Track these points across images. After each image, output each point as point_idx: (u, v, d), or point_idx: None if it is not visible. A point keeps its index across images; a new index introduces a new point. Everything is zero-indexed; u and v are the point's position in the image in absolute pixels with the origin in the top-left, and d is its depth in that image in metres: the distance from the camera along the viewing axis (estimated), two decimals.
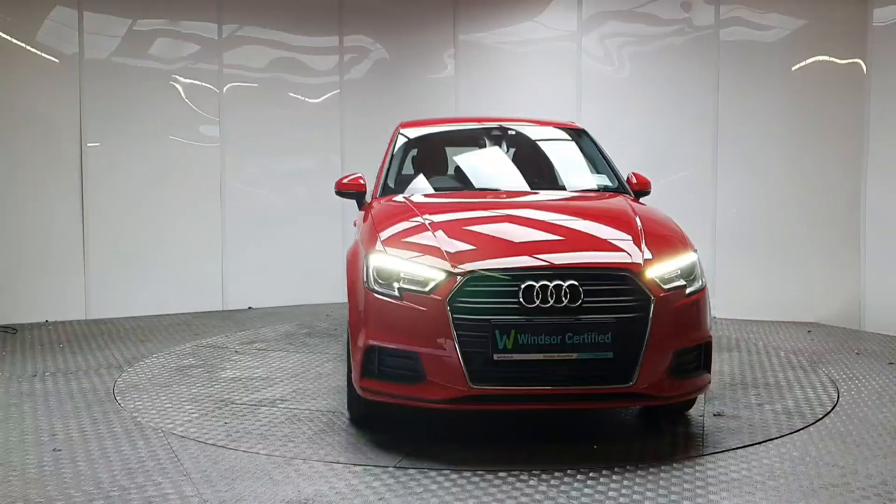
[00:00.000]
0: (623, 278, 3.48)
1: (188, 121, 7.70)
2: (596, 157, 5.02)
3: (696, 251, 3.80)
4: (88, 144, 7.29)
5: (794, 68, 6.85)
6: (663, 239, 3.81)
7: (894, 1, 6.29)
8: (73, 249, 7.25)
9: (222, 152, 7.84)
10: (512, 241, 3.76)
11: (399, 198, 4.53)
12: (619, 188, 4.74)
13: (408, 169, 5.13)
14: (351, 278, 3.90)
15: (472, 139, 5.39)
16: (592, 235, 3.89)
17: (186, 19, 7.68)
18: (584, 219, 4.08)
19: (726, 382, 4.81)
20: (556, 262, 3.50)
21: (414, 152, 5.28)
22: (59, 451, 3.60)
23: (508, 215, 4.23)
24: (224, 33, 7.84)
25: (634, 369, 3.41)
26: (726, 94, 7.10)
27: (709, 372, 3.74)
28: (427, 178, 4.93)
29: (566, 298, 3.38)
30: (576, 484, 3.17)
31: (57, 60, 7.18)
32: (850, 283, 6.63)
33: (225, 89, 7.83)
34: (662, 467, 3.36)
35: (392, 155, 5.02)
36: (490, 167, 5.15)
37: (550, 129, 5.37)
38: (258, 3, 8.03)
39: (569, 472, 3.30)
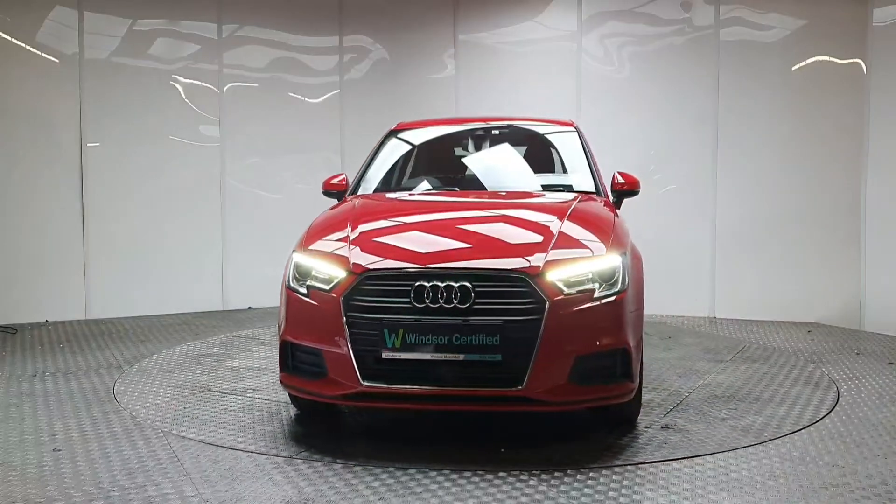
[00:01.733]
0: (517, 281, 3.40)
1: (188, 121, 7.70)
2: (576, 157, 4.90)
3: (623, 255, 3.65)
4: (88, 144, 7.29)
5: (794, 68, 6.85)
6: (580, 242, 3.69)
7: (894, 1, 6.29)
8: (73, 249, 7.25)
9: (222, 152, 7.84)
10: (418, 243, 3.76)
11: (351, 198, 4.62)
12: (592, 189, 4.60)
13: (386, 169, 5.11)
14: (284, 276, 3.97)
15: (456, 140, 5.35)
16: (499, 239, 3.80)
17: (186, 19, 7.68)
18: (505, 222, 4.04)
19: (722, 384, 4.79)
20: (449, 264, 3.49)
21: (396, 153, 5.27)
22: (59, 451, 3.60)
23: (435, 218, 4.19)
24: (224, 33, 7.84)
25: (525, 373, 3.33)
26: (726, 94, 7.10)
27: (631, 380, 3.56)
28: (392, 179, 4.97)
29: (456, 300, 3.37)
30: (576, 484, 3.17)
31: (57, 60, 7.18)
32: (850, 283, 6.63)
33: (225, 89, 7.83)
34: (662, 467, 3.36)
35: (373, 155, 5.12)
36: (459, 168, 5.13)
37: (539, 128, 5.29)
38: (258, 3, 8.03)
39: (569, 471, 3.30)
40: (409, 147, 5.31)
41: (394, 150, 5.23)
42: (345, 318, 3.44)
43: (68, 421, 4.08)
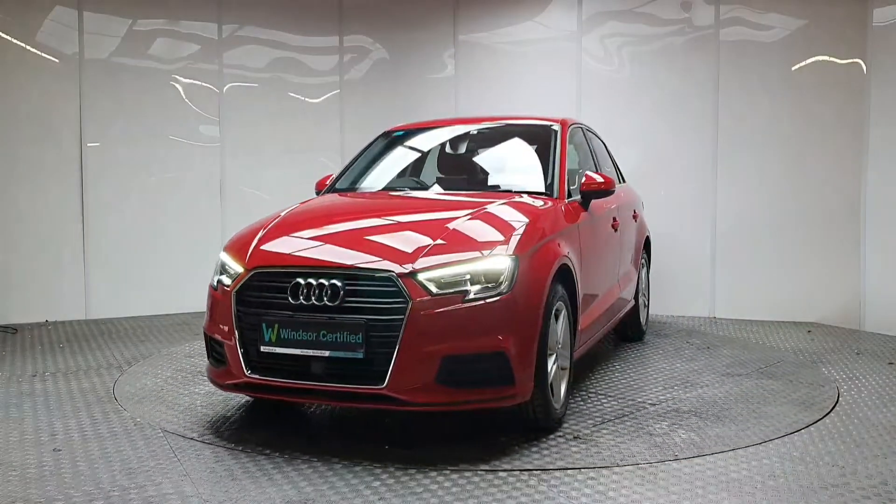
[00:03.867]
0: (384, 280, 3.42)
1: (188, 121, 7.70)
2: (542, 156, 4.80)
3: (514, 257, 3.55)
4: (88, 144, 7.29)
5: (794, 68, 6.85)
6: (465, 244, 3.64)
7: (894, 1, 6.30)
8: (73, 249, 7.25)
9: (222, 152, 7.84)
10: (310, 242, 3.86)
11: (315, 197, 4.78)
12: (543, 189, 4.49)
13: (360, 169, 5.21)
14: None
15: (434, 142, 5.37)
16: (383, 239, 3.79)
17: (186, 19, 7.68)
18: (406, 223, 4.03)
19: (701, 398, 4.73)
20: (325, 262, 3.59)
21: (377, 154, 5.35)
22: (59, 451, 3.60)
23: (348, 217, 4.27)
24: (224, 33, 7.85)
25: (387, 372, 3.34)
26: (726, 94, 7.10)
27: (511, 385, 3.47)
28: (362, 179, 5.07)
29: (326, 297, 3.44)
30: (575, 484, 3.17)
31: (57, 60, 7.18)
32: (850, 283, 6.63)
33: (225, 89, 7.84)
34: (662, 467, 3.36)
35: (356, 156, 5.28)
36: (422, 169, 5.17)
37: (521, 128, 5.20)
38: (258, 3, 8.04)
39: (569, 471, 3.31)
40: (391, 148, 5.38)
41: (376, 151, 5.34)
42: (234, 312, 3.65)
43: (68, 421, 4.08)
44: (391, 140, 5.44)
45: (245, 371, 3.61)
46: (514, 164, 4.97)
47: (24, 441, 3.75)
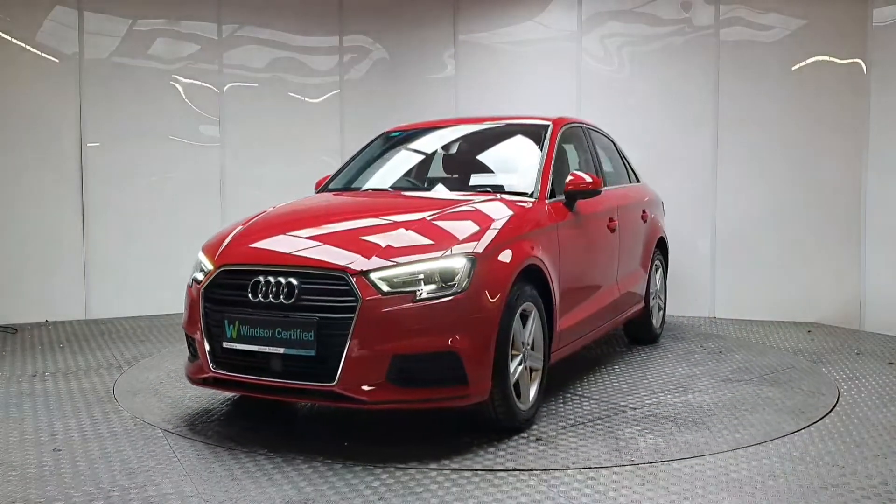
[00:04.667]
0: (336, 279, 3.47)
1: (188, 121, 7.70)
2: (527, 156, 4.77)
3: (471, 258, 3.56)
4: (88, 144, 7.29)
5: (794, 68, 6.85)
6: (424, 244, 3.66)
7: (894, 1, 6.30)
8: (73, 249, 7.25)
9: (222, 152, 7.84)
10: (275, 241, 3.93)
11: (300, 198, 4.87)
12: (522, 189, 4.46)
13: (355, 169, 5.27)
14: None
15: (427, 143, 5.39)
16: (346, 239, 3.83)
17: (186, 19, 7.68)
18: (372, 224, 4.05)
19: (687, 404, 4.62)
20: (283, 261, 3.66)
21: (372, 154, 5.40)
22: (59, 451, 3.60)
23: (320, 218, 4.30)
24: (224, 33, 7.85)
25: (337, 369, 3.39)
26: (726, 94, 7.10)
27: (464, 385, 3.48)
28: (351, 180, 5.12)
29: (283, 295, 3.51)
30: (575, 484, 3.17)
31: (57, 60, 7.18)
32: (850, 283, 6.63)
33: (225, 89, 7.84)
34: (662, 467, 3.36)
35: (352, 156, 5.37)
36: (407, 170, 5.20)
37: (517, 127, 5.14)
38: (258, 3, 8.04)
39: (569, 471, 3.31)
40: (386, 149, 5.42)
41: (371, 152, 5.40)
42: (202, 308, 3.77)
43: (68, 421, 4.08)
44: (388, 141, 5.48)
45: (211, 366, 3.71)
46: (500, 164, 4.96)
47: (24, 441, 3.75)
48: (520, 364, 3.81)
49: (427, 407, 3.69)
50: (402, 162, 5.30)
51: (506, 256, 3.74)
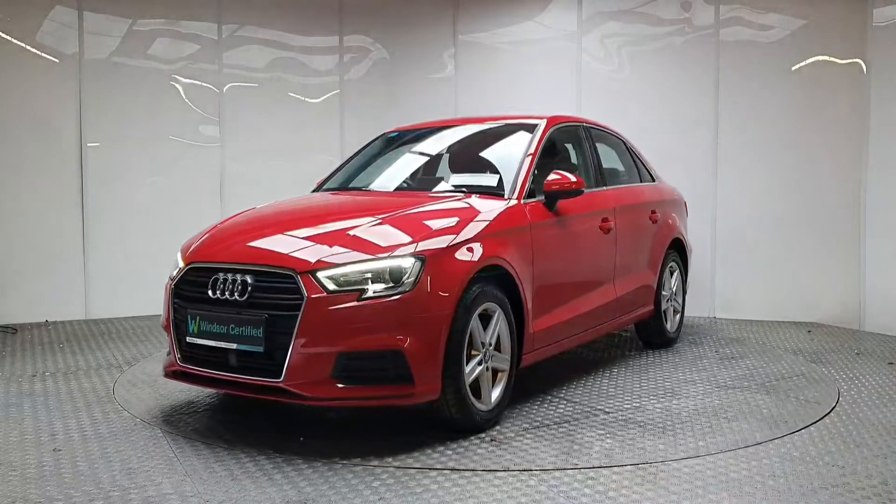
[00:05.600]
0: (285, 277, 3.55)
1: (188, 121, 7.70)
2: (510, 156, 4.73)
3: (420, 257, 3.58)
4: (88, 144, 7.29)
5: (794, 68, 6.85)
6: (375, 243, 3.69)
7: (894, 1, 6.30)
8: (73, 249, 7.25)
9: (222, 152, 7.84)
10: (245, 240, 4.00)
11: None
12: (499, 190, 4.43)
13: (350, 169, 5.34)
14: None
15: (425, 142, 5.38)
16: (305, 237, 3.88)
17: (186, 19, 7.68)
18: (333, 223, 4.08)
19: (666, 409, 4.55)
20: (240, 259, 3.77)
21: (369, 154, 5.43)
22: (59, 451, 3.60)
23: (288, 217, 4.36)
24: (224, 33, 7.84)
25: (284, 366, 3.46)
26: (726, 94, 7.10)
27: (410, 383, 3.49)
28: (343, 179, 5.19)
29: (237, 292, 3.63)
30: (575, 484, 3.17)
31: (57, 60, 7.18)
32: (850, 283, 6.63)
33: (225, 89, 7.84)
34: (662, 467, 3.36)
35: (351, 156, 5.44)
36: (393, 169, 5.21)
37: (510, 127, 5.11)
38: (258, 3, 8.04)
39: (569, 471, 3.31)
40: (382, 149, 5.45)
41: (368, 152, 5.45)
42: (171, 304, 3.94)
43: (68, 421, 4.08)
44: (386, 141, 5.52)
45: (178, 360, 3.86)
46: (482, 164, 4.96)
47: (24, 441, 3.75)
48: (479, 364, 3.81)
49: (373, 405, 3.79)
50: (393, 162, 5.31)
51: (463, 256, 3.76)
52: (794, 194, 6.89)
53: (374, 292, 3.49)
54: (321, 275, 3.51)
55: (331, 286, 3.49)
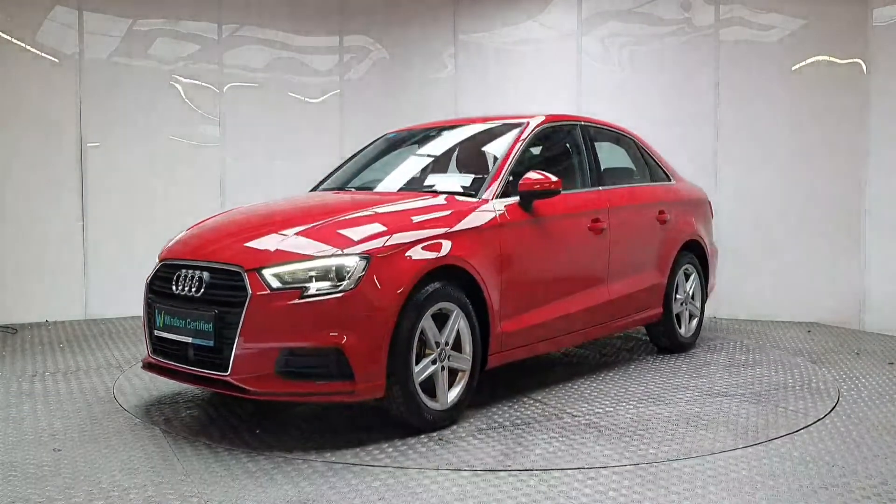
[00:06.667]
0: (233, 274, 3.68)
1: (188, 121, 7.71)
2: (488, 155, 4.78)
3: (365, 256, 3.62)
4: (88, 144, 7.29)
5: (794, 68, 6.85)
6: (322, 242, 3.75)
7: (894, 1, 6.30)
8: (73, 249, 7.25)
9: (222, 152, 7.85)
10: (213, 239, 4.12)
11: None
12: (470, 190, 4.44)
13: (345, 169, 5.42)
14: None
15: (419, 143, 5.40)
16: (262, 235, 3.96)
17: (186, 19, 7.69)
18: (296, 222, 4.09)
19: (642, 416, 4.43)
20: (200, 257, 3.92)
21: (366, 155, 5.47)
22: (59, 451, 3.60)
23: (258, 216, 4.43)
24: (224, 33, 7.85)
25: (230, 360, 3.58)
26: (726, 94, 7.10)
27: (350, 381, 3.53)
28: (336, 179, 5.27)
29: (194, 289, 3.79)
30: (575, 484, 3.17)
31: (57, 60, 7.18)
32: (850, 283, 6.63)
33: (225, 89, 7.84)
34: (662, 467, 3.36)
35: (349, 157, 5.52)
36: (382, 169, 5.24)
37: (501, 127, 5.06)
38: (258, 3, 8.04)
39: (569, 471, 3.31)
40: (378, 150, 5.48)
41: (367, 152, 5.50)
42: (145, 299, 4.13)
43: (68, 421, 4.08)
44: (384, 141, 5.55)
45: (150, 352, 4.08)
46: (461, 164, 5.00)
47: (24, 441, 3.75)
48: (433, 363, 3.82)
49: (315, 401, 3.93)
50: (384, 162, 5.32)
51: (416, 255, 3.78)
52: (793, 194, 6.89)
53: (317, 290, 3.56)
54: (266, 272, 3.61)
55: (275, 283, 3.58)
